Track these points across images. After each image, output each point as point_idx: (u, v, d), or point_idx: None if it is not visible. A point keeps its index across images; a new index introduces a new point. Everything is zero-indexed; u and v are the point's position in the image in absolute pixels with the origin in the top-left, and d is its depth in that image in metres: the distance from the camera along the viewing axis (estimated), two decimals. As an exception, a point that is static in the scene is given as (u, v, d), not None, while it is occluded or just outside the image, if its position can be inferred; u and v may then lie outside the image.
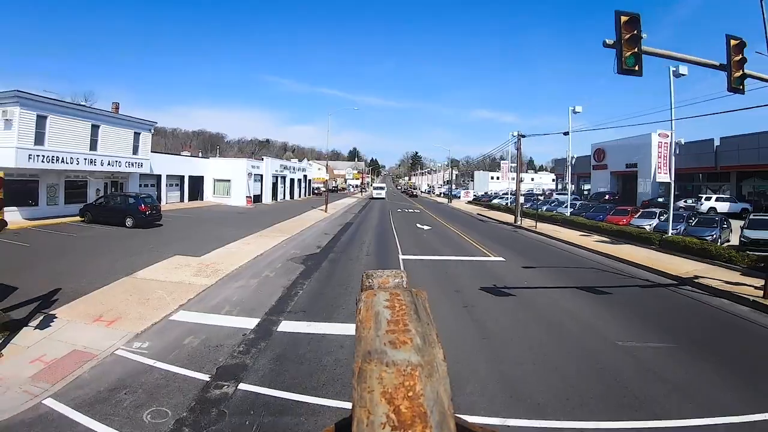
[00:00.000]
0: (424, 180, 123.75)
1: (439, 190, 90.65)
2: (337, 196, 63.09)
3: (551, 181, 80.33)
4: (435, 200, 68.42)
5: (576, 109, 26.68)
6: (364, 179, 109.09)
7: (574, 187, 54.92)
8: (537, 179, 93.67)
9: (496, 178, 75.74)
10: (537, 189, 72.48)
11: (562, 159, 41.40)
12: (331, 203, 38.95)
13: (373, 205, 48.95)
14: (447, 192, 69.41)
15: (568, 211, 29.46)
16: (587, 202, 36.76)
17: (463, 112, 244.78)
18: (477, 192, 72.78)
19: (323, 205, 36.42)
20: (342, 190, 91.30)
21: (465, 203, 58.80)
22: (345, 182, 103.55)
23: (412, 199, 68.21)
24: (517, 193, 30.27)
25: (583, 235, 22.06)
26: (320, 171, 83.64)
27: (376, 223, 27.97)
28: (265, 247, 16.54)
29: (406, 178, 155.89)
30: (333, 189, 78.46)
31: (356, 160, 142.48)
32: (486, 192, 68.50)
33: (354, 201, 55.69)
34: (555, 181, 70.24)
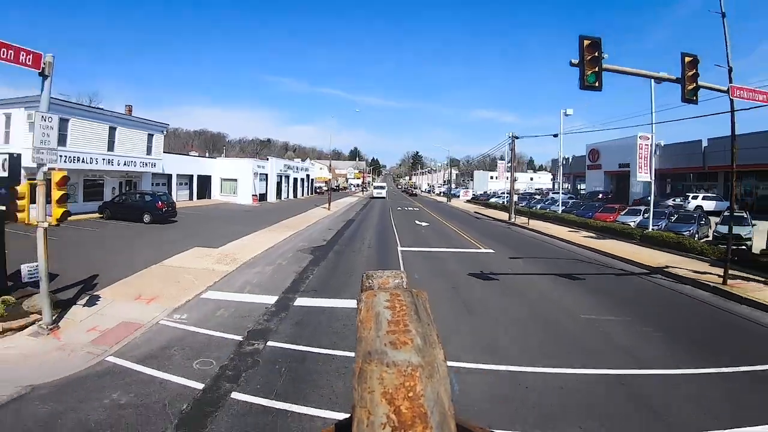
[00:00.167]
0: (425, 179, 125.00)
1: (439, 190, 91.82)
2: (338, 195, 64.43)
3: (550, 180, 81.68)
4: (435, 199, 69.70)
5: (567, 112, 28.15)
6: (365, 179, 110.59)
7: (570, 186, 56.31)
8: (536, 179, 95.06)
9: (495, 178, 76.98)
10: (534, 188, 73.83)
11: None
12: (333, 201, 40.29)
13: (374, 203, 50.30)
14: (446, 191, 70.67)
15: (559, 209, 30.84)
16: (579, 201, 38.02)
17: (463, 112, 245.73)
18: (476, 191, 74.09)
19: (326, 204, 37.80)
20: (343, 190, 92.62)
21: (464, 202, 60.14)
22: (346, 181, 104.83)
23: (412, 198, 69.63)
24: (511, 191, 31.71)
25: (572, 231, 23.44)
26: (322, 170, 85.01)
27: (377, 221, 29.34)
28: (275, 241, 17.91)
29: (407, 177, 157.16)
30: (335, 188, 79.79)
31: (357, 159, 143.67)
32: (485, 191, 69.76)
33: (355, 200, 57.12)
34: (553, 181, 71.59)
